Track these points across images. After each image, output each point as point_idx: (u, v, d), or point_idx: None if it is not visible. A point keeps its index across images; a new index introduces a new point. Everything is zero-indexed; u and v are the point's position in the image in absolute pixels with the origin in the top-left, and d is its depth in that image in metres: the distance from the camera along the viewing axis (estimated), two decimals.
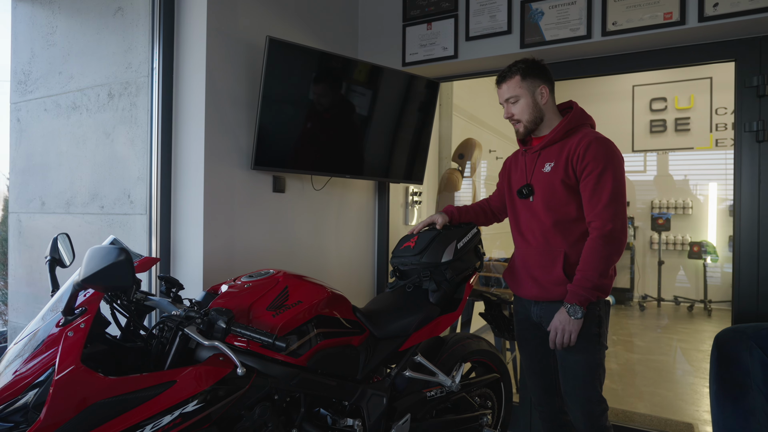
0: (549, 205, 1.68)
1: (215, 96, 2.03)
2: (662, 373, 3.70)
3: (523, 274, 1.77)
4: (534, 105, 1.72)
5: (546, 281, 1.69)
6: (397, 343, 1.72)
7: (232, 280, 1.53)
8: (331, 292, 1.58)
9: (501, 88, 1.76)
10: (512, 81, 1.72)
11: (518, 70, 1.72)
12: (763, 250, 2.14)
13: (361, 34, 2.90)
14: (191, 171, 2.01)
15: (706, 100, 6.07)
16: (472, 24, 2.56)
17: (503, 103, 1.77)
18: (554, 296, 1.67)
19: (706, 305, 5.84)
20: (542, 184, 1.70)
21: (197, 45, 2.01)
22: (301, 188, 2.48)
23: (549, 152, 1.72)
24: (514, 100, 1.73)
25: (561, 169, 1.66)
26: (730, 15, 2.03)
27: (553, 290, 1.67)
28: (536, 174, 1.73)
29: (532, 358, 1.86)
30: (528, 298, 1.77)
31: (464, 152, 3.39)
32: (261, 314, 1.37)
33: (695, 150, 6.15)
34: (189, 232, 2.01)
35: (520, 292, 1.81)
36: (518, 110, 1.73)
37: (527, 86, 1.72)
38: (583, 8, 2.29)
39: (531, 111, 1.72)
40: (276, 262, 2.31)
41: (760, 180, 2.16)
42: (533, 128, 1.75)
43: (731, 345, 1.68)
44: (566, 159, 1.65)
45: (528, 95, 1.72)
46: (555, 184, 1.67)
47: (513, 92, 1.72)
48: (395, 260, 1.90)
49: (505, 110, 1.77)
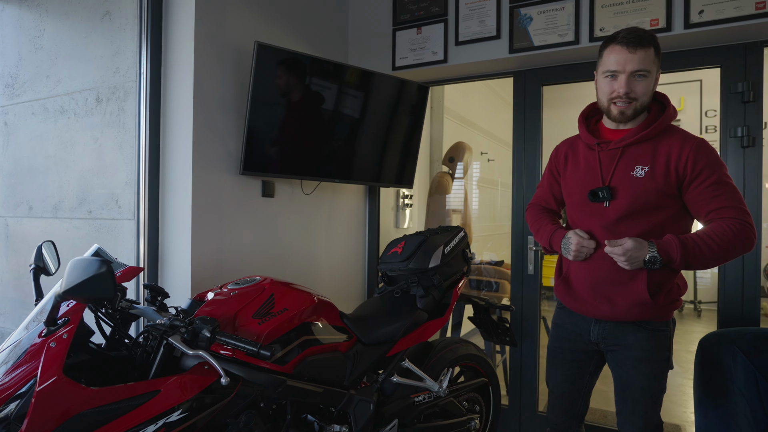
0: (636, 215, 1.43)
1: (203, 101, 2.03)
2: None
3: (588, 290, 1.53)
4: (653, 89, 1.45)
5: (622, 301, 1.46)
6: (385, 349, 1.72)
7: (219, 287, 1.53)
8: (318, 299, 1.58)
9: (636, 53, 1.38)
10: (650, 51, 1.39)
11: (653, 42, 1.40)
12: (748, 255, 2.16)
13: (351, 38, 2.91)
14: (179, 176, 2.01)
15: (696, 103, 6.12)
16: (462, 29, 2.57)
17: (622, 74, 1.41)
18: (632, 316, 1.47)
19: (696, 306, 5.89)
20: (631, 189, 1.44)
21: (185, 50, 2.00)
22: (291, 193, 2.47)
23: (638, 152, 1.45)
24: (644, 74, 1.40)
25: (660, 176, 1.41)
26: (715, 22, 2.05)
27: (633, 310, 1.45)
28: (620, 176, 1.46)
29: (566, 379, 1.66)
30: (591, 316, 1.55)
31: (454, 155, 3.40)
32: (247, 322, 1.37)
33: None
34: (177, 238, 2.00)
35: (580, 309, 1.57)
36: (643, 88, 1.41)
37: (657, 65, 1.43)
38: (571, 14, 2.31)
39: (650, 95, 1.44)
40: (265, 268, 2.31)
41: (745, 185, 2.18)
42: (639, 114, 1.47)
43: (715, 350, 1.69)
44: (666, 165, 1.41)
45: (654, 74, 1.43)
46: (650, 193, 1.42)
47: (647, 65, 1.39)
48: (383, 266, 1.91)
49: (623, 84, 1.40)
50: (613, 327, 1.51)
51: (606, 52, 1.46)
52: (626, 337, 1.49)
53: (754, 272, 2.16)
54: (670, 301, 1.48)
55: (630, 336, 1.49)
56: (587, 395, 1.69)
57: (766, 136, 5.25)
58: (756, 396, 1.55)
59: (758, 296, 2.16)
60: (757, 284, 2.16)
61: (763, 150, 2.20)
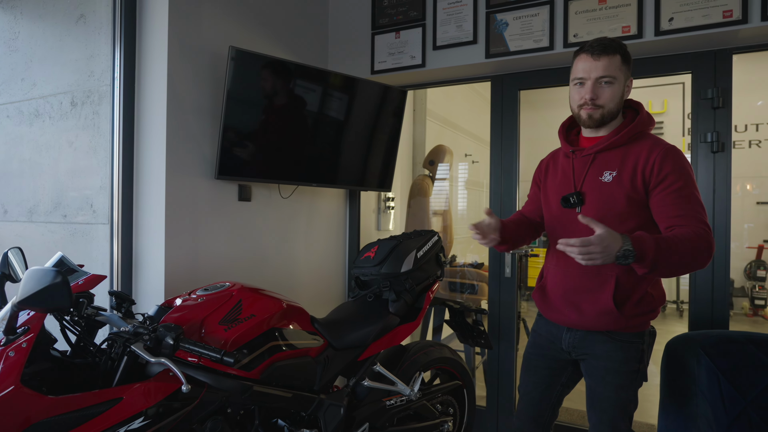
0: (603, 221, 1.37)
1: (177, 105, 2.03)
2: None
3: (560, 297, 1.54)
4: (621, 96, 1.46)
5: (589, 309, 1.47)
6: (356, 353, 1.74)
7: (188, 293, 1.54)
8: (287, 305, 1.59)
9: (599, 60, 1.42)
10: (615, 59, 1.42)
11: (620, 50, 1.43)
12: (717, 258, 2.20)
13: (331, 42, 2.92)
14: (153, 181, 2.01)
15: (679, 105, 6.18)
16: (439, 33, 2.58)
17: (588, 80, 1.44)
18: (599, 325, 1.47)
19: (679, 305, 5.96)
20: (598, 194, 1.46)
21: (158, 53, 2.00)
22: (268, 196, 2.48)
23: (608, 158, 1.47)
24: (610, 81, 1.42)
25: (627, 181, 1.42)
26: (685, 29, 2.09)
27: (599, 319, 1.46)
28: (590, 181, 1.48)
29: (535, 386, 1.66)
30: (562, 324, 1.56)
31: (435, 158, 3.42)
32: (213, 329, 1.38)
33: None
34: (151, 243, 2.00)
35: (553, 317, 1.59)
36: (609, 94, 1.43)
37: (625, 72, 1.45)
38: (546, 20, 2.33)
39: (618, 101, 1.46)
40: (242, 272, 2.32)
41: (715, 189, 2.22)
42: (608, 121, 1.48)
43: (680, 352, 1.72)
44: (633, 170, 1.42)
45: (622, 82, 1.44)
46: (617, 198, 1.43)
47: (612, 72, 1.41)
48: (356, 270, 1.92)
49: (589, 90, 1.44)
50: (584, 336, 1.52)
51: (575, 61, 1.50)
52: (595, 347, 1.50)
53: (723, 276, 2.20)
54: (640, 312, 1.45)
55: (599, 346, 1.49)
56: (556, 406, 1.68)
57: (743, 138, 5.26)
58: (718, 397, 1.58)
59: (727, 299, 2.20)
60: (726, 287, 2.20)
61: (736, 153, 2.23)
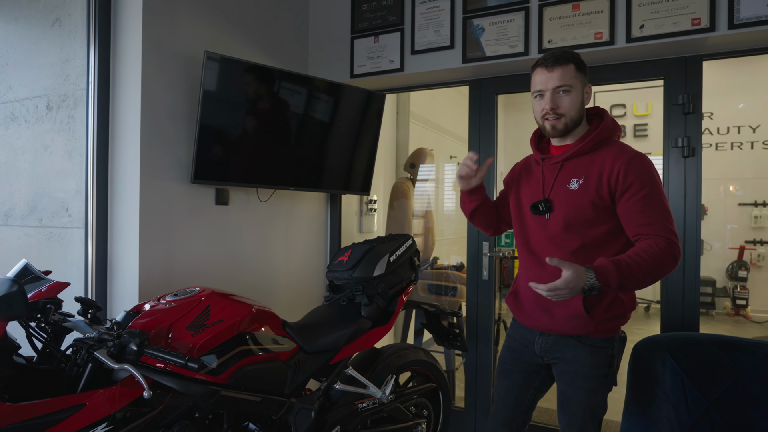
0: (572, 227, 1.46)
1: (152, 109, 2.03)
2: None
3: (531, 301, 1.57)
4: (581, 103, 1.50)
5: (561, 314, 1.49)
6: (328, 357, 1.75)
7: (157, 299, 1.55)
8: (257, 309, 1.60)
9: (553, 71, 1.45)
10: (569, 68, 1.45)
11: (573, 59, 1.47)
12: (688, 261, 2.24)
13: (311, 45, 2.93)
14: (127, 185, 2.01)
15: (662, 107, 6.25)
16: (418, 38, 2.60)
17: (546, 92, 1.48)
18: (568, 329, 1.50)
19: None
20: (566, 202, 1.48)
21: (133, 57, 2.00)
22: (246, 200, 2.49)
23: (575, 165, 1.50)
24: (567, 90, 1.46)
25: (593, 188, 1.45)
26: (655, 36, 2.12)
27: (568, 323, 1.48)
28: (558, 189, 1.51)
29: (509, 389, 1.68)
30: (534, 328, 1.59)
31: (415, 161, 3.45)
32: (181, 334, 1.39)
33: (652, 155, 6.31)
34: (125, 247, 2.01)
35: (525, 321, 1.62)
36: (568, 103, 1.46)
37: (581, 79, 1.48)
38: (521, 26, 2.36)
39: (578, 108, 1.49)
40: (219, 277, 2.33)
41: (686, 193, 2.26)
42: (572, 129, 1.51)
43: (646, 354, 1.75)
44: (599, 177, 1.44)
45: (580, 90, 1.48)
46: (584, 205, 1.46)
47: (568, 81, 1.45)
48: (330, 274, 1.93)
49: (548, 100, 1.47)
50: (555, 340, 1.54)
51: (532, 76, 1.54)
52: (566, 351, 1.52)
53: (693, 278, 2.24)
54: (610, 317, 1.48)
55: (570, 351, 1.52)
56: (529, 410, 1.69)
57: (725, 140, 5.32)
58: (681, 398, 1.62)
59: (698, 302, 2.24)
60: (697, 290, 2.24)
61: (719, 155, 2.27)
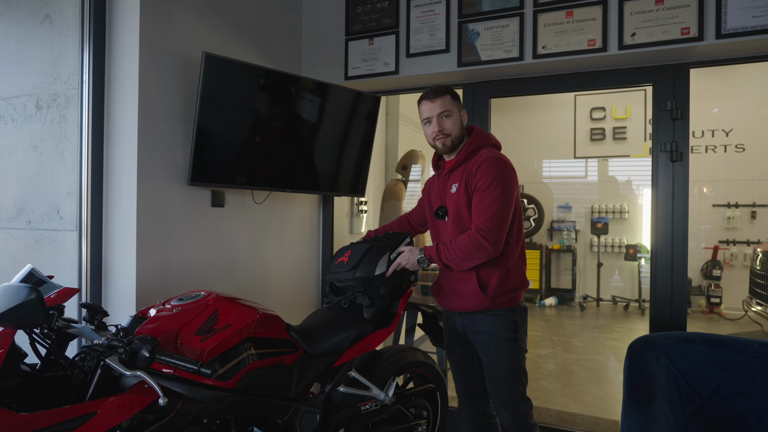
0: (458, 225, 1.81)
1: (149, 110, 2.00)
2: (596, 373, 3.91)
3: (447, 288, 1.89)
4: (461, 123, 1.86)
5: (465, 294, 1.81)
6: (331, 360, 1.75)
7: (162, 303, 1.53)
8: (263, 313, 1.59)
9: (435, 101, 1.81)
10: (446, 97, 1.82)
11: (448, 91, 1.84)
12: (676, 262, 2.31)
13: (305, 47, 2.92)
14: (124, 187, 1.98)
15: (641, 111, 6.42)
16: (413, 41, 2.62)
17: (432, 118, 1.82)
18: (473, 306, 1.80)
19: (640, 304, 6.20)
20: (452, 205, 1.82)
21: (129, 57, 1.97)
22: (242, 202, 2.47)
23: (455, 174, 1.84)
24: (448, 114, 1.81)
25: (463, 190, 1.78)
26: (646, 44, 2.19)
27: (471, 300, 1.79)
28: (448, 196, 1.85)
29: (457, 364, 1.99)
30: (452, 310, 1.90)
31: (407, 163, 3.47)
32: (189, 339, 1.38)
33: (631, 157, 6.50)
34: (121, 250, 1.97)
35: (446, 305, 1.93)
36: (451, 124, 1.82)
37: (457, 105, 1.85)
38: (516, 31, 2.40)
39: (459, 128, 1.85)
40: (215, 279, 2.30)
41: (674, 196, 2.33)
42: (457, 145, 1.86)
43: (640, 354, 1.81)
44: (466, 179, 1.78)
45: (457, 113, 1.85)
46: (461, 205, 1.79)
47: (448, 107, 1.81)
48: (331, 276, 1.93)
49: (435, 125, 1.82)
50: (468, 317, 1.84)
51: (419, 107, 1.88)
52: (477, 324, 1.82)
53: (681, 279, 2.31)
54: (502, 291, 1.78)
55: (480, 323, 1.81)
56: (482, 380, 1.89)
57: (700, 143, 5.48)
58: (676, 396, 1.67)
59: (685, 301, 2.32)
60: (684, 290, 2.32)
61: (694, 158, 2.35)
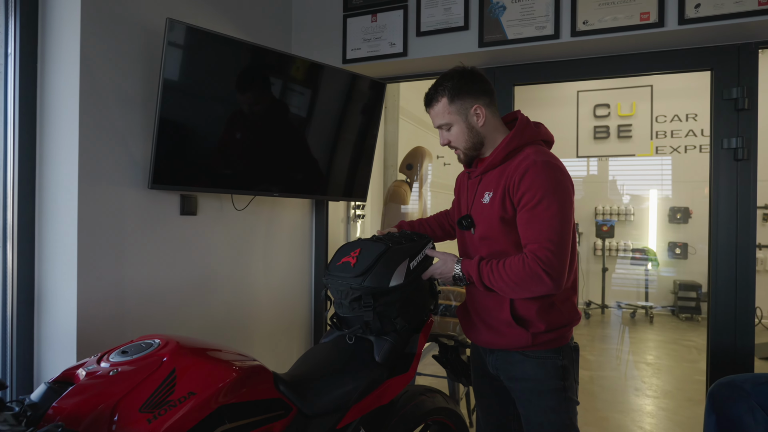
0: (486, 242, 1.44)
1: (95, 92, 1.55)
2: (616, 394, 3.54)
3: (474, 315, 1.52)
4: (470, 130, 1.45)
5: (497, 322, 1.43)
6: (334, 420, 1.33)
7: (97, 358, 1.09)
8: (241, 369, 1.16)
9: (431, 112, 1.50)
10: (439, 106, 1.45)
11: (445, 92, 1.44)
12: (741, 279, 1.94)
13: (295, 24, 2.48)
14: (61, 191, 1.53)
15: (647, 108, 6.11)
16: (424, 17, 2.21)
17: (437, 127, 1.51)
18: (507, 343, 1.42)
19: (648, 311, 5.88)
20: (482, 216, 1.45)
21: (69, 26, 1.52)
22: (219, 208, 2.03)
23: (489, 178, 1.46)
24: (447, 128, 1.47)
25: (498, 202, 1.39)
26: (713, 18, 1.80)
27: (505, 335, 1.41)
28: (476, 203, 1.48)
29: (488, 412, 1.63)
30: (481, 345, 1.52)
31: (413, 162, 3.05)
32: (132, 418, 0.94)
33: (636, 156, 6.19)
34: (58, 274, 1.52)
35: (473, 337, 1.55)
36: (454, 137, 1.47)
37: (457, 110, 1.44)
38: (551, 4, 2.00)
39: (467, 137, 1.46)
40: (185, 304, 1.86)
41: (738, 202, 1.95)
42: (475, 154, 1.49)
43: (729, 404, 1.44)
44: (504, 190, 1.39)
45: (461, 120, 1.44)
46: (493, 221, 1.42)
47: (443, 119, 1.45)
48: (329, 280, 1.46)
49: (441, 137, 1.50)
50: (503, 356, 1.46)
51: None
52: (515, 367, 1.44)
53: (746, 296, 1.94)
54: (548, 327, 1.39)
55: (518, 366, 1.43)
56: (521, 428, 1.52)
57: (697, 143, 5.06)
58: None
59: (752, 326, 1.95)
60: (751, 311, 1.95)
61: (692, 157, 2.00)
